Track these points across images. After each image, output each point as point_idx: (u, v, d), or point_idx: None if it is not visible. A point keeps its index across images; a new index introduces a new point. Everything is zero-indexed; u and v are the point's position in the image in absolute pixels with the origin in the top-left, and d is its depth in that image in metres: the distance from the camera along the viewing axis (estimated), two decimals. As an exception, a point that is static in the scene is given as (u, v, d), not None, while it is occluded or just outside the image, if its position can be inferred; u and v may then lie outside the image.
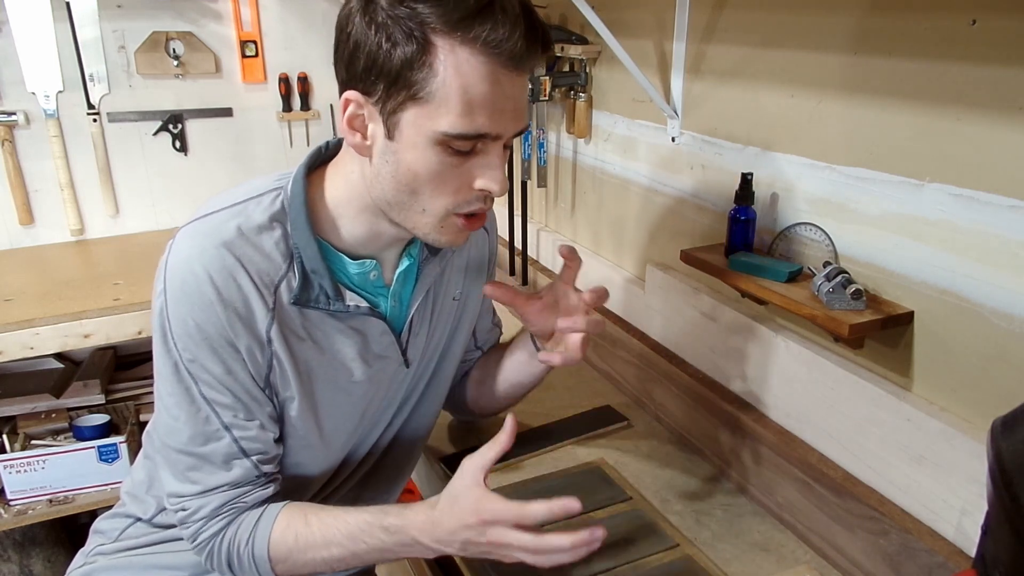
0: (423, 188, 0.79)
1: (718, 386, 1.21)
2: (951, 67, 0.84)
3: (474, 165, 0.78)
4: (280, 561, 0.88)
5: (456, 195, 0.80)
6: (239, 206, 0.84)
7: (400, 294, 0.94)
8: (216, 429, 0.85)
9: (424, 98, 0.74)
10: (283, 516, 0.88)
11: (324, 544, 0.86)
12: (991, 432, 0.62)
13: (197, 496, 0.87)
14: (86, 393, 1.83)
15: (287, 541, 0.87)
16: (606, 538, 0.80)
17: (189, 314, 0.80)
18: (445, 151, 0.76)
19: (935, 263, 0.89)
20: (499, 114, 0.75)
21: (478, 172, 0.79)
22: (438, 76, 0.73)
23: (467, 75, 0.72)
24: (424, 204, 0.80)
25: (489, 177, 0.79)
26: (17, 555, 1.89)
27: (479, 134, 0.75)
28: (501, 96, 0.74)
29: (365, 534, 0.85)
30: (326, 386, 0.91)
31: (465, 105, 0.73)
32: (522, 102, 0.78)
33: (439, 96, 0.73)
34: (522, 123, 0.79)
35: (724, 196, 1.18)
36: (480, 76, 0.73)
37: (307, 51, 2.17)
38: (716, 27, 1.17)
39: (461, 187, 0.79)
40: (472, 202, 0.81)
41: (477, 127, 0.74)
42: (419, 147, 0.76)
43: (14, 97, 1.90)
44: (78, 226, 2.04)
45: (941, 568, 0.85)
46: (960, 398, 0.88)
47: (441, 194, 0.79)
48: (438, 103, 0.74)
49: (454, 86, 0.73)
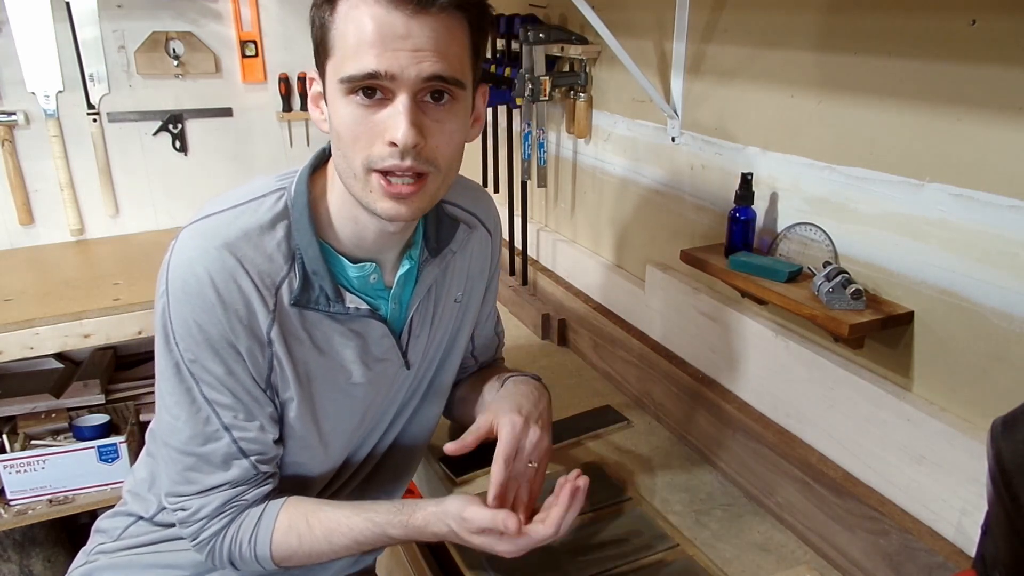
0: (346, 146, 0.78)
1: (718, 386, 1.21)
2: (951, 67, 0.84)
3: (383, 116, 0.76)
4: (283, 560, 0.89)
5: (370, 148, 0.77)
6: (242, 207, 0.84)
7: (400, 296, 0.94)
8: (216, 429, 0.85)
9: (331, 51, 0.77)
10: (284, 515, 0.88)
11: (327, 543, 0.88)
12: (991, 432, 0.62)
13: (196, 496, 0.87)
14: (86, 393, 1.83)
15: (290, 543, 0.88)
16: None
17: (191, 315, 0.81)
18: (352, 102, 0.76)
19: (935, 263, 0.89)
20: (390, 53, 0.73)
21: (386, 123, 0.76)
22: (337, 27, 0.75)
23: (357, 18, 0.74)
24: (351, 164, 0.79)
25: (392, 127, 0.75)
26: (17, 555, 1.89)
27: (366, 74, 0.74)
28: (391, 35, 0.73)
29: (367, 539, 0.88)
30: (325, 388, 0.91)
31: (356, 47, 0.74)
32: (429, 44, 0.74)
33: (338, 45, 0.76)
34: (429, 66, 0.74)
35: (724, 196, 1.18)
36: (366, 16, 0.73)
37: (307, 51, 2.13)
38: (716, 27, 1.17)
39: (373, 140, 0.77)
40: (385, 156, 0.77)
41: (364, 67, 0.73)
42: (336, 102, 0.78)
43: (14, 97, 1.90)
44: (78, 226, 2.04)
45: (941, 568, 0.85)
46: (960, 398, 0.88)
47: (357, 149, 0.78)
48: (338, 52, 0.76)
49: (348, 32, 0.75)
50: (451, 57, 0.76)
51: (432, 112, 0.77)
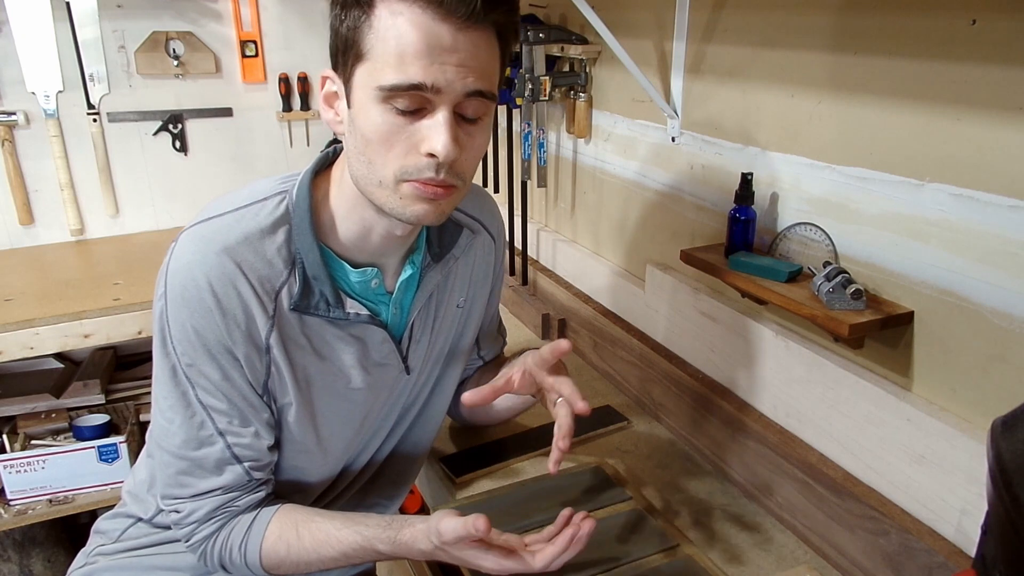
0: (374, 153, 0.77)
1: (718, 386, 1.21)
2: (951, 67, 0.84)
3: (421, 127, 0.75)
4: (272, 567, 0.89)
5: (404, 159, 0.76)
6: (243, 210, 0.84)
7: (402, 302, 0.94)
8: (210, 434, 0.85)
9: (366, 56, 0.74)
10: (275, 524, 0.88)
11: (316, 555, 0.88)
12: (991, 432, 0.62)
13: (189, 499, 0.87)
14: (86, 393, 1.83)
15: (279, 552, 0.88)
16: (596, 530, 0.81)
17: (188, 320, 0.80)
18: (389, 110, 0.75)
19: (935, 263, 0.89)
20: (437, 66, 0.72)
21: (424, 133, 0.75)
22: (376, 32, 0.73)
23: (400, 26, 0.72)
24: (377, 172, 0.78)
25: (433, 138, 0.74)
26: (17, 555, 1.89)
27: (411, 84, 0.72)
28: (438, 48, 0.72)
29: (355, 553, 0.87)
30: (324, 393, 0.91)
31: (398, 56, 0.72)
32: (472, 59, 0.74)
33: (377, 51, 0.74)
34: (473, 81, 0.74)
35: (724, 196, 1.18)
36: (413, 25, 0.72)
37: (307, 51, 2.17)
38: (716, 27, 1.17)
39: (409, 150, 0.76)
40: (422, 168, 0.76)
41: (409, 77, 0.72)
42: (367, 108, 0.76)
43: (14, 97, 1.90)
44: (78, 226, 2.04)
45: (941, 568, 0.85)
46: (960, 398, 0.88)
47: (390, 158, 0.76)
48: (376, 58, 0.74)
49: (388, 38, 0.73)
50: (490, 73, 0.76)
51: (465, 126, 0.77)
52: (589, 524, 0.84)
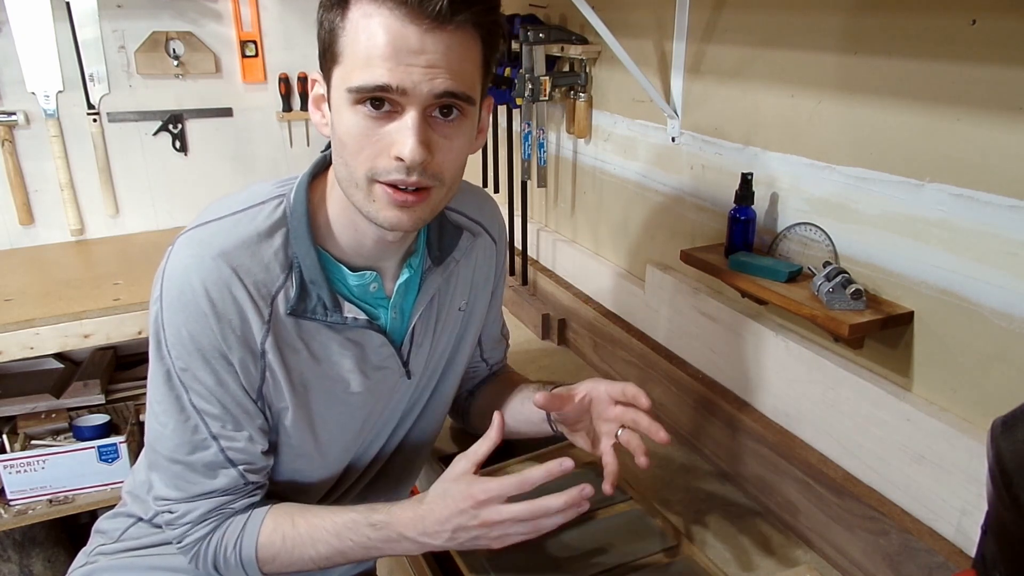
0: (349, 155, 0.77)
1: (718, 386, 1.21)
2: (951, 67, 0.84)
3: (392, 130, 0.75)
4: (268, 562, 0.88)
5: (374, 160, 0.76)
6: (240, 214, 0.84)
7: (401, 305, 0.93)
8: (204, 438, 0.85)
9: (340, 58, 0.75)
10: (270, 518, 0.88)
11: (311, 543, 0.87)
12: (991, 432, 0.62)
13: (183, 501, 0.87)
14: (86, 393, 1.83)
15: (275, 543, 0.87)
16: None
17: (183, 324, 0.80)
18: (360, 112, 0.75)
19: (935, 263, 0.89)
20: (403, 68, 0.72)
21: (393, 137, 0.75)
22: (348, 34, 0.74)
23: (370, 27, 0.72)
24: (353, 174, 0.78)
25: (400, 142, 0.74)
26: (17, 555, 1.89)
27: (376, 86, 0.72)
28: (404, 49, 0.71)
29: (351, 531, 0.86)
30: (322, 397, 0.90)
31: (366, 58, 0.72)
32: (442, 60, 0.73)
33: (348, 53, 0.74)
34: (442, 83, 0.73)
35: (724, 196, 1.18)
36: (380, 26, 0.72)
37: (307, 51, 2.17)
38: (716, 27, 1.17)
39: (380, 153, 0.75)
40: (391, 170, 0.76)
41: (375, 79, 0.72)
42: (342, 110, 0.76)
43: (14, 97, 1.89)
44: (78, 226, 2.04)
45: (941, 568, 0.85)
46: (960, 398, 0.88)
47: (361, 160, 0.76)
48: (347, 60, 0.74)
49: (359, 40, 0.73)
50: (464, 74, 0.75)
51: (440, 127, 0.77)
52: (589, 489, 0.82)
